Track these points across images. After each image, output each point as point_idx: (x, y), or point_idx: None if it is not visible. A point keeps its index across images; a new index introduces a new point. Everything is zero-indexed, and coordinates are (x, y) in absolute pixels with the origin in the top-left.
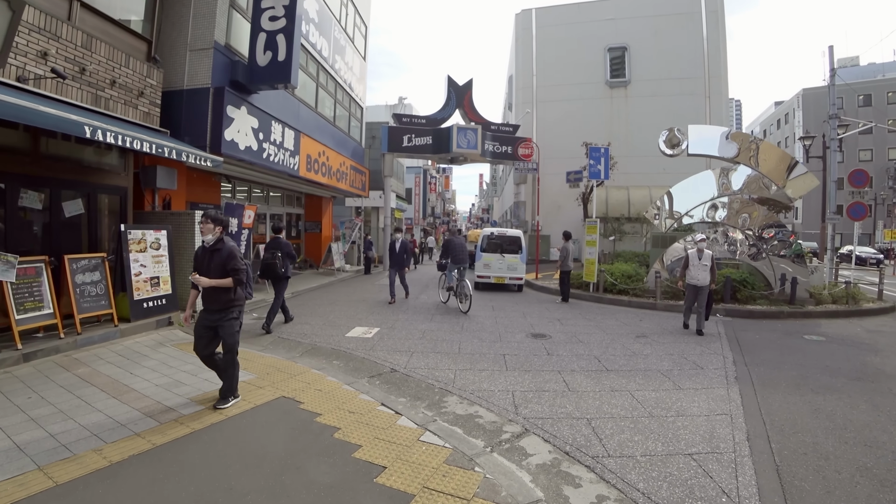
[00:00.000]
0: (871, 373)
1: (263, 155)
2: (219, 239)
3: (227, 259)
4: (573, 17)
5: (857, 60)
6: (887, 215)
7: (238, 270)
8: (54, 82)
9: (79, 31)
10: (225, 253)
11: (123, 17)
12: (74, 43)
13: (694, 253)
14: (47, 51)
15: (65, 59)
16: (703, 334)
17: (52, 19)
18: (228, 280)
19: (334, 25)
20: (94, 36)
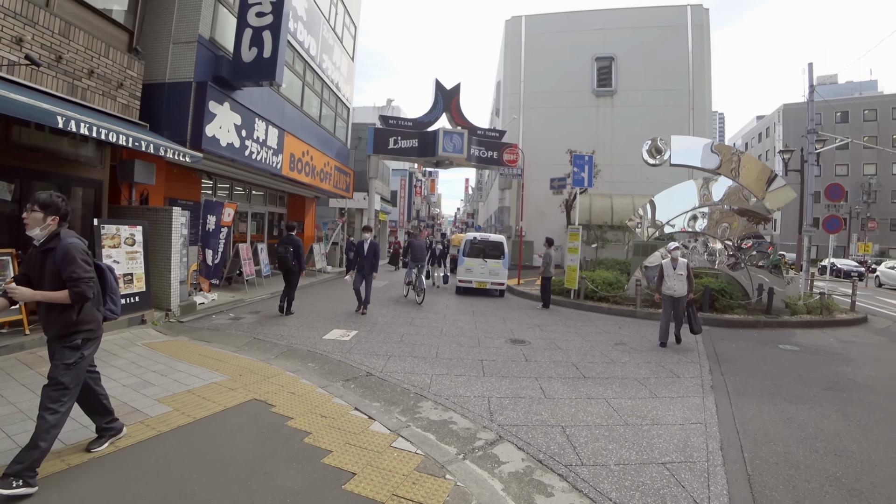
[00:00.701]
0: (842, 382)
1: (246, 152)
2: (53, 234)
3: (62, 263)
4: (562, 26)
5: (835, 78)
6: (861, 229)
7: (78, 280)
8: (29, 70)
9: (57, 18)
10: (59, 255)
11: (105, 5)
12: (52, 30)
13: (668, 263)
14: (22, 37)
15: (41, 45)
16: (681, 342)
17: (30, 4)
18: (63, 294)
19: (323, 24)
20: (73, 24)
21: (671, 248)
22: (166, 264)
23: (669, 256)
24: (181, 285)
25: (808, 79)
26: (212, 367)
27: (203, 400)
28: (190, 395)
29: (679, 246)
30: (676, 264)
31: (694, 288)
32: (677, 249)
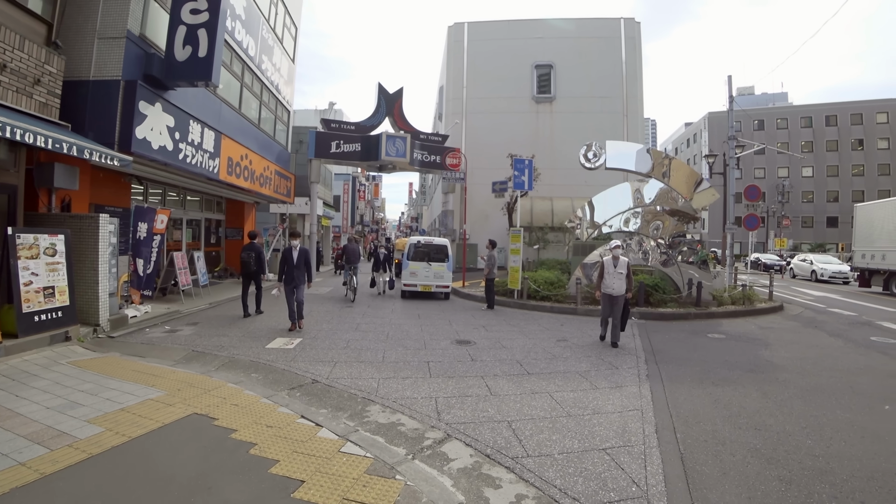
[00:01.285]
0: (762, 364)
1: (179, 156)
2: None
3: None
4: (503, 34)
5: (752, 90)
6: (777, 226)
7: None
8: None
9: None
10: None
11: None
12: None
13: (609, 260)
14: None
15: None
16: (617, 346)
17: None
18: None
19: (262, 24)
20: None
21: (613, 246)
22: (93, 276)
23: (611, 255)
24: (110, 298)
25: (728, 90)
26: (147, 382)
27: (139, 418)
28: (124, 413)
29: (620, 244)
30: (617, 262)
31: (631, 287)
32: (618, 248)
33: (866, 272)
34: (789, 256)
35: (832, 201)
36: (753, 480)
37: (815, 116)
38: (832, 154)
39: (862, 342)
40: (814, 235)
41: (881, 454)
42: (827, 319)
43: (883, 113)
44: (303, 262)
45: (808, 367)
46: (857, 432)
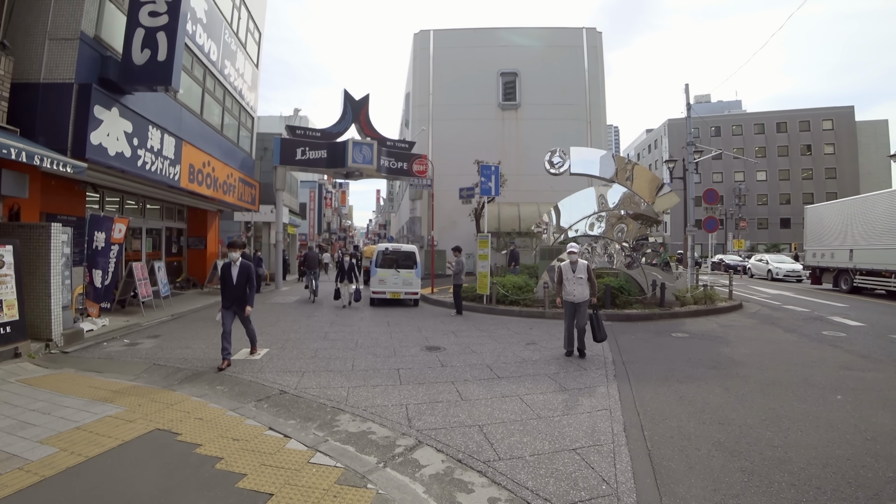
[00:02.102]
0: (723, 361)
1: (138, 163)
2: None
3: None
4: (469, 42)
5: (709, 97)
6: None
7: None
8: None
9: None
10: None
11: None
12: None
13: (566, 265)
14: None
15: None
16: (585, 356)
17: None
18: None
19: (225, 28)
20: None
21: (569, 249)
22: (45, 288)
23: (567, 259)
24: (64, 311)
25: (685, 98)
26: (105, 399)
27: (96, 436)
28: (80, 431)
29: (578, 248)
30: (576, 267)
31: (596, 291)
32: (574, 252)
33: (817, 270)
34: (746, 257)
35: (785, 203)
36: (718, 473)
37: (767, 123)
38: (783, 159)
39: (815, 336)
40: (769, 236)
41: (835, 442)
42: (782, 316)
43: (828, 120)
44: (244, 280)
45: (767, 362)
46: (812, 422)
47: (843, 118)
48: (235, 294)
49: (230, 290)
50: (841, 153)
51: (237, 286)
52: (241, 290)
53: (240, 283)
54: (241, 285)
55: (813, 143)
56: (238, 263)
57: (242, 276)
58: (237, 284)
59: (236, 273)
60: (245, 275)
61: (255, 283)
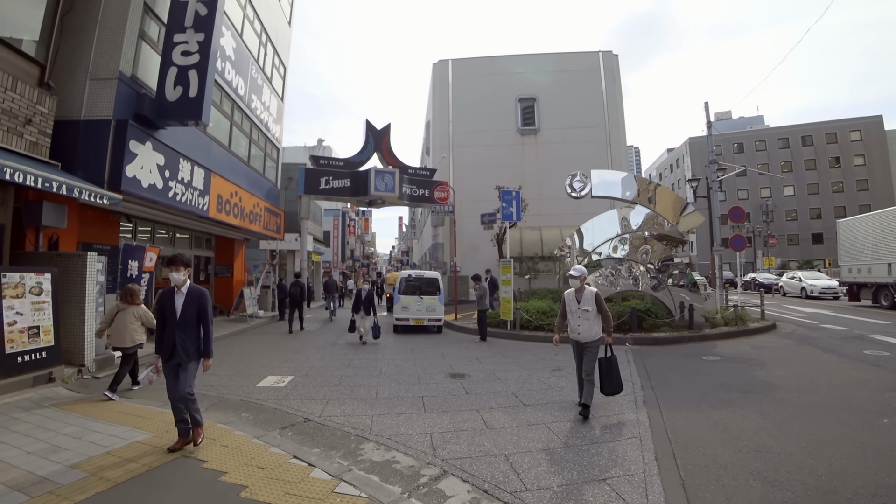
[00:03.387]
0: (758, 385)
1: (169, 194)
2: None
3: None
4: (487, 69)
5: (729, 114)
6: (764, 245)
7: None
8: None
9: None
10: None
11: (15, 35)
12: None
13: (570, 294)
14: None
15: None
16: (588, 417)
17: None
18: None
19: (252, 64)
20: None
21: (570, 273)
22: (79, 315)
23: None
24: (97, 337)
25: (705, 116)
26: (134, 424)
27: (125, 461)
28: (109, 457)
29: (583, 271)
30: (581, 296)
31: (610, 326)
32: (576, 277)
33: (854, 286)
34: (778, 274)
35: (815, 218)
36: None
37: (791, 137)
38: (811, 172)
39: (856, 356)
40: (801, 253)
41: (883, 469)
42: (820, 336)
43: (856, 131)
44: (195, 315)
45: (805, 384)
46: (857, 449)
47: (872, 128)
48: (179, 337)
49: (171, 330)
50: (872, 164)
51: (182, 324)
52: (189, 330)
53: (187, 320)
54: (191, 323)
55: (841, 155)
56: (185, 290)
57: (191, 307)
58: (182, 321)
59: (180, 305)
60: (195, 306)
61: (209, 322)
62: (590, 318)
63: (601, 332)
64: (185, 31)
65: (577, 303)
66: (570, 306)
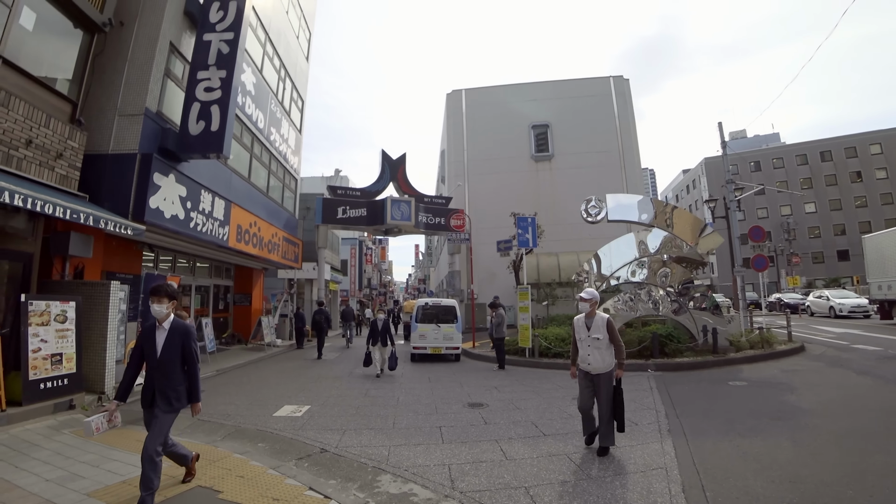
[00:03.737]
0: (789, 411)
1: (191, 224)
2: None
3: None
4: (499, 98)
5: (744, 133)
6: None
7: None
8: None
9: None
10: None
11: (50, 75)
12: None
13: (580, 320)
14: None
15: None
16: (607, 452)
17: None
18: None
19: (271, 98)
20: (13, 94)
21: (584, 297)
22: (101, 342)
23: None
24: (117, 365)
25: (720, 136)
26: None
27: None
28: (126, 486)
29: (593, 294)
30: (592, 322)
31: (623, 355)
32: (588, 300)
33: (885, 304)
34: (804, 294)
35: (840, 235)
36: None
37: (809, 153)
38: (832, 188)
39: (892, 378)
40: (826, 271)
41: None
42: (852, 357)
43: (876, 144)
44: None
45: (839, 409)
46: None
47: (893, 140)
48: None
49: (150, 373)
50: (895, 176)
51: (163, 365)
52: (170, 373)
53: (168, 360)
54: (172, 364)
55: (863, 169)
56: (168, 325)
57: (173, 346)
58: (162, 362)
59: (162, 342)
60: (180, 345)
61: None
62: (601, 346)
63: (611, 362)
64: (207, 69)
65: (587, 330)
66: (579, 333)
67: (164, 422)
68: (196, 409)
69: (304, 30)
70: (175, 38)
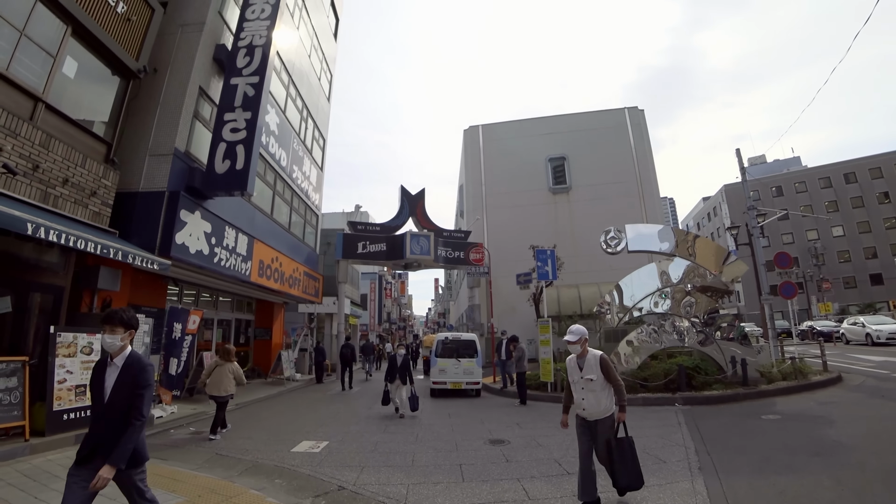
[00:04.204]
0: (829, 446)
1: (214, 259)
2: None
3: None
4: (516, 132)
5: (763, 158)
6: (818, 290)
7: None
8: (3, 177)
9: (38, 131)
10: None
11: (87, 118)
12: (32, 141)
13: (571, 361)
14: (2, 146)
15: (19, 155)
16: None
17: (14, 118)
18: None
19: (293, 137)
20: (54, 136)
21: (570, 339)
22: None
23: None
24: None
25: (738, 163)
26: (167, 487)
27: None
28: None
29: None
30: (584, 362)
31: (623, 398)
32: (576, 341)
33: None
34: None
35: (871, 258)
36: None
37: (833, 176)
38: (859, 210)
39: None
40: (860, 296)
41: None
42: (894, 387)
43: None
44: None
45: (884, 444)
46: None
47: None
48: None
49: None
50: None
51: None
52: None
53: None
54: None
55: (890, 190)
56: (122, 360)
57: (124, 387)
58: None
59: (112, 383)
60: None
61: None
62: (595, 388)
63: (613, 405)
64: (234, 111)
65: (580, 370)
66: (571, 376)
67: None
68: (100, 481)
69: (325, 72)
70: (204, 83)
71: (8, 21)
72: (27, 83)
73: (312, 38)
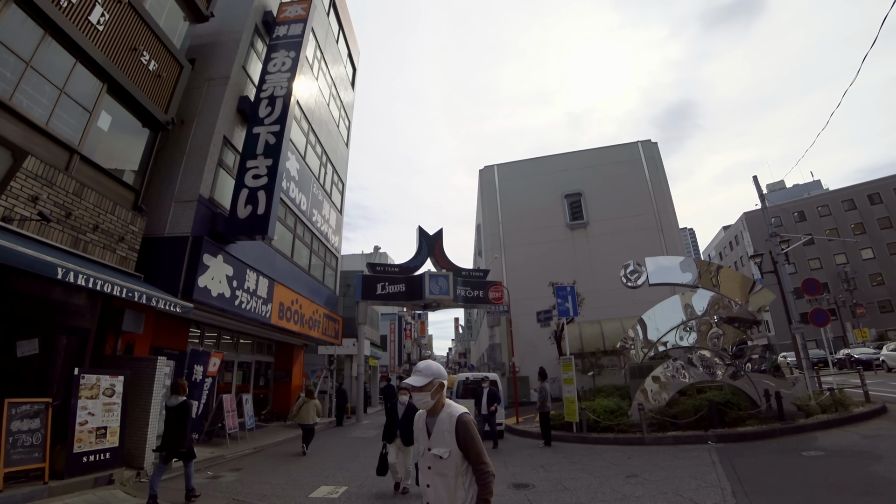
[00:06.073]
0: (878, 484)
1: (236, 302)
2: None
3: None
4: (531, 171)
5: (782, 183)
6: (853, 316)
7: None
8: (38, 223)
9: (73, 180)
10: None
11: (118, 167)
12: (66, 190)
13: (420, 418)
14: (38, 195)
15: (54, 203)
16: None
17: (50, 168)
18: None
19: (313, 182)
20: (87, 185)
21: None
22: (144, 417)
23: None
24: (158, 440)
25: (756, 190)
26: None
27: None
28: None
29: (420, 381)
30: (435, 421)
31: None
32: (426, 388)
33: None
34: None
35: None
36: None
37: (856, 198)
38: (888, 231)
39: None
40: None
41: None
42: None
43: None
44: None
45: None
46: None
47: None
48: None
49: None
50: None
51: None
52: None
53: None
54: None
55: None
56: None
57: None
58: None
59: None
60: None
61: None
62: (447, 471)
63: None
64: (256, 158)
65: (427, 437)
66: (418, 443)
67: None
68: None
69: (343, 118)
70: (228, 132)
71: (49, 80)
72: (64, 136)
73: (331, 87)
